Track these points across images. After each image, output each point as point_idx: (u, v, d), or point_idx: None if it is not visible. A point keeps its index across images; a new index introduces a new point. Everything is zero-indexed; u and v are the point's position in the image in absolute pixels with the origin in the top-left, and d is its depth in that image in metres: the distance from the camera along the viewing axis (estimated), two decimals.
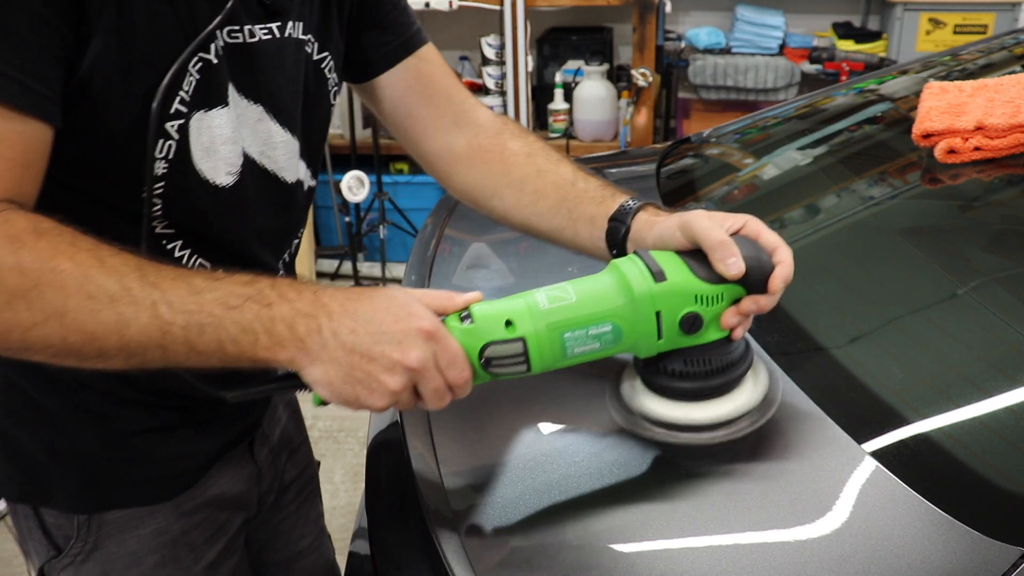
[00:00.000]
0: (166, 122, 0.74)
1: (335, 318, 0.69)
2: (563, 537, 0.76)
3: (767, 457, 0.81)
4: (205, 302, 0.67)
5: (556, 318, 0.74)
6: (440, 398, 0.72)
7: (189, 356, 0.67)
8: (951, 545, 0.69)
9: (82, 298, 0.64)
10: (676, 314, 0.75)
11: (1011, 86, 1.25)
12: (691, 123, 3.68)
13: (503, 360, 0.73)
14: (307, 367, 0.69)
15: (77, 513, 0.89)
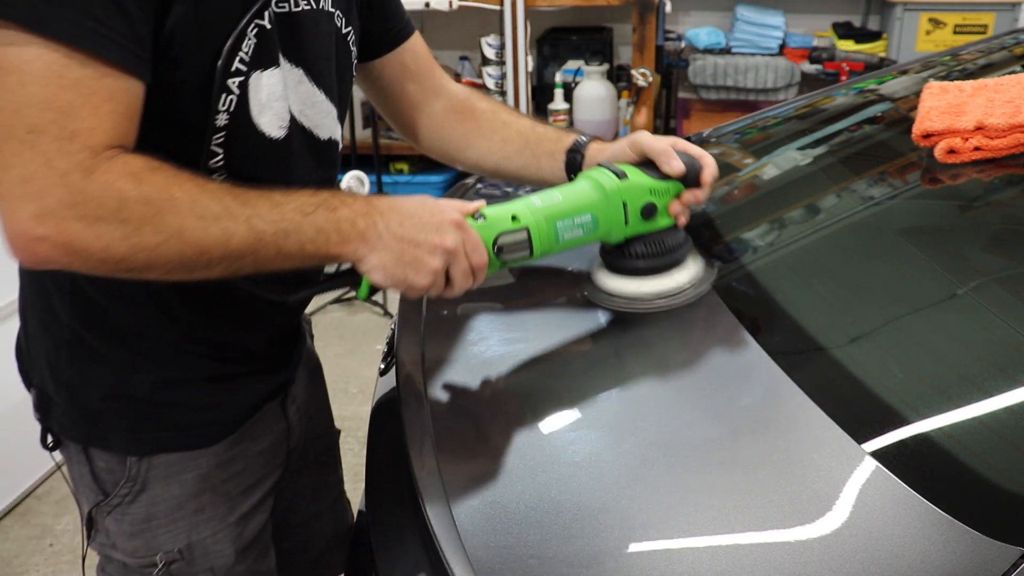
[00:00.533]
0: (228, 79, 0.85)
1: (386, 215, 0.86)
2: (563, 537, 0.76)
3: (767, 457, 0.81)
4: (286, 212, 0.81)
5: (550, 211, 0.95)
6: (466, 279, 0.90)
7: (276, 258, 0.82)
8: (951, 545, 0.69)
9: (194, 219, 0.77)
10: (638, 204, 0.99)
11: (1011, 86, 1.25)
12: (691, 123, 3.69)
13: (512, 247, 0.93)
14: (367, 256, 0.86)
15: (129, 455, 0.99)
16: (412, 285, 0.87)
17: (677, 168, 1.00)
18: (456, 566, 0.74)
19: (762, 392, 0.90)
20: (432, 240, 0.86)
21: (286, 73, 0.91)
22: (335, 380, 3.03)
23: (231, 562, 1.08)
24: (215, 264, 0.80)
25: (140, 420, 0.98)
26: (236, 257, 0.80)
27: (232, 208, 0.79)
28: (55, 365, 0.98)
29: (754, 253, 1.20)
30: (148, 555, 1.04)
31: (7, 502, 2.37)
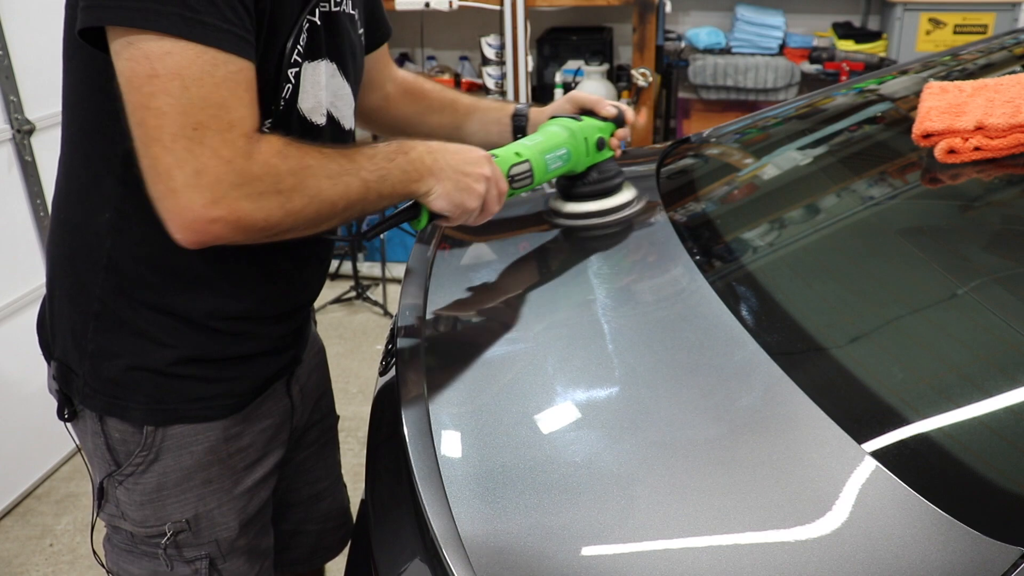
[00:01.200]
0: (289, 68, 0.95)
1: (439, 154, 1.03)
2: (563, 536, 0.76)
3: (767, 457, 0.81)
4: (378, 162, 0.96)
5: (541, 147, 1.21)
6: (494, 203, 1.10)
7: (379, 201, 0.97)
8: (951, 545, 0.69)
9: (326, 179, 0.90)
10: (593, 138, 1.27)
11: (1011, 86, 1.25)
12: (691, 123, 3.69)
13: (520, 177, 1.17)
14: (434, 186, 1.02)
15: (147, 424, 1.05)
16: (466, 207, 1.05)
17: (611, 111, 1.31)
18: (455, 565, 0.74)
19: (762, 392, 0.90)
20: (478, 170, 1.05)
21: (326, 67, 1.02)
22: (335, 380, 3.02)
23: (234, 535, 1.13)
24: (338, 214, 0.93)
25: (159, 391, 1.04)
26: (353, 205, 0.93)
27: (345, 166, 0.92)
28: (80, 338, 1.04)
29: (754, 253, 1.20)
30: (157, 524, 1.10)
31: (7, 502, 2.37)
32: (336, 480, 1.42)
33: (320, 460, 1.36)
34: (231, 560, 1.14)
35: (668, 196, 1.37)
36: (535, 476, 0.83)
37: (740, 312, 1.02)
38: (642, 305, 1.10)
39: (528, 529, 0.77)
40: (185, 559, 1.12)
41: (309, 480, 1.35)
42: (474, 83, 3.65)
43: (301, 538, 1.39)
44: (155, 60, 0.79)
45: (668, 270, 1.16)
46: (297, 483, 1.33)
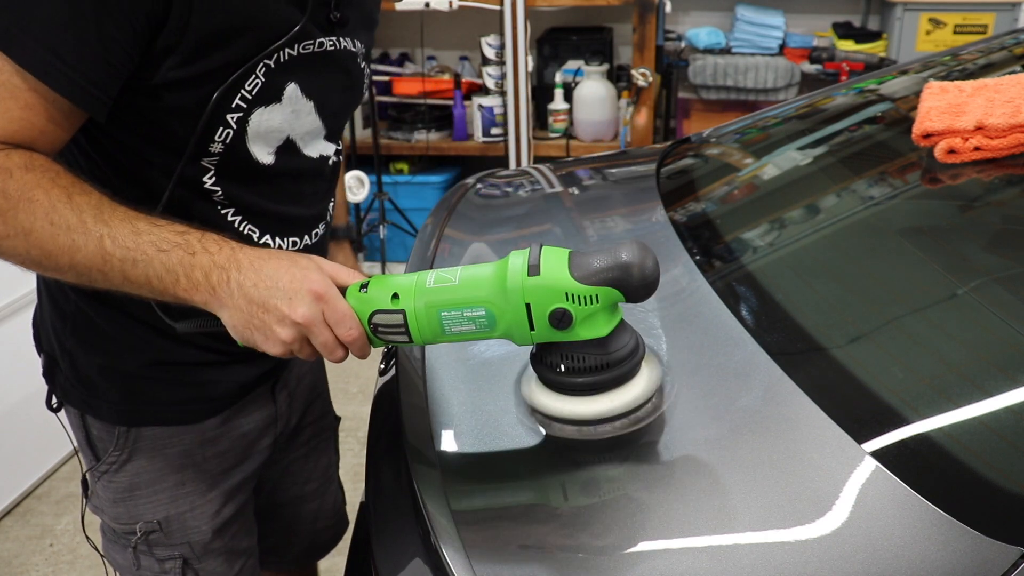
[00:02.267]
0: (227, 114, 0.89)
1: (243, 272, 0.81)
2: (562, 536, 0.76)
3: (767, 457, 0.81)
4: (142, 242, 0.81)
5: (435, 297, 0.81)
6: (331, 351, 0.84)
7: (124, 283, 0.83)
8: (951, 545, 0.69)
9: (46, 223, 0.79)
10: (546, 308, 0.78)
11: (1011, 86, 1.25)
12: (691, 123, 3.69)
13: (387, 328, 0.82)
14: (218, 310, 0.82)
15: (118, 424, 1.05)
16: (263, 350, 0.83)
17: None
18: (456, 565, 0.74)
19: (762, 392, 0.90)
20: (282, 308, 0.80)
21: (298, 107, 0.95)
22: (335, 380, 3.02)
23: (207, 538, 1.13)
24: (63, 270, 0.82)
25: (131, 393, 1.04)
26: (83, 270, 0.82)
27: (87, 223, 0.80)
28: (60, 335, 1.05)
29: (754, 253, 1.20)
30: (129, 523, 1.11)
31: (7, 502, 2.37)
32: (328, 481, 1.41)
33: (311, 462, 1.35)
34: (207, 561, 1.15)
35: (668, 196, 1.37)
36: (535, 476, 0.83)
37: (740, 312, 1.02)
38: (641, 305, 1.10)
39: (528, 529, 0.77)
40: (157, 557, 1.13)
41: (298, 481, 1.34)
42: (474, 83, 3.65)
43: (291, 537, 1.39)
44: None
45: (668, 270, 1.16)
46: (285, 483, 1.32)
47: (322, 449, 1.37)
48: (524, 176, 1.60)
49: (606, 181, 1.58)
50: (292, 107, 0.95)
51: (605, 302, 0.79)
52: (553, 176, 1.53)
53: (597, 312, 0.79)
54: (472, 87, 3.65)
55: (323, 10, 0.93)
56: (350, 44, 0.99)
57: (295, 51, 0.91)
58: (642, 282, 0.79)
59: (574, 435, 0.85)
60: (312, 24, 0.91)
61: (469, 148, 3.63)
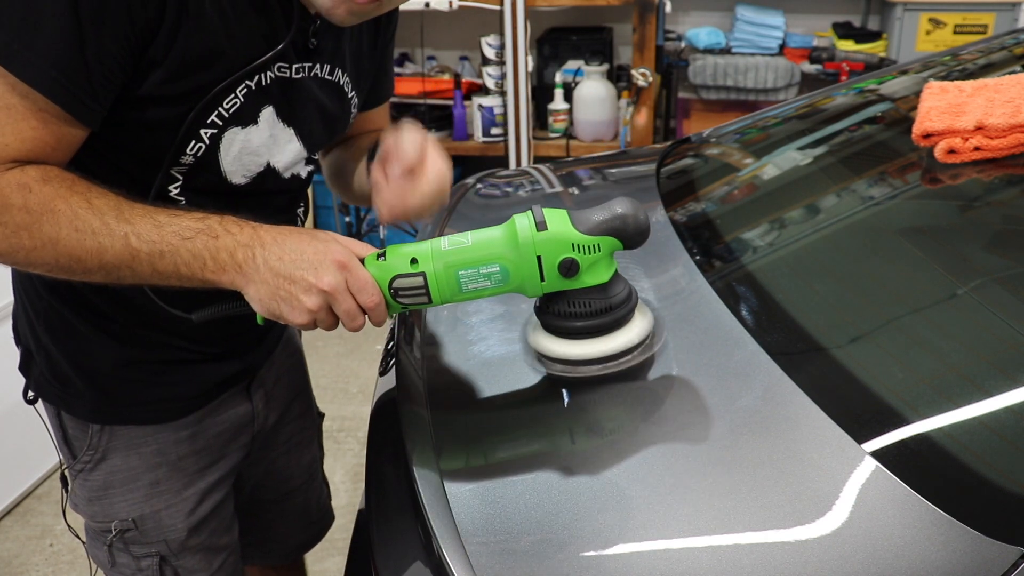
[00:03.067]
0: (201, 129, 0.90)
1: (267, 247, 0.84)
2: (563, 537, 0.76)
3: (767, 457, 0.81)
4: (165, 234, 0.83)
5: (453, 258, 0.87)
6: (352, 319, 0.86)
7: (153, 276, 0.85)
8: (951, 545, 0.69)
9: (71, 231, 0.82)
10: (555, 259, 0.87)
11: (1011, 86, 1.25)
12: (691, 123, 3.68)
13: (408, 291, 0.87)
14: (244, 287, 0.85)
15: (92, 422, 1.06)
16: (288, 320, 0.86)
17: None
18: (456, 566, 0.74)
19: (762, 392, 0.90)
20: (308, 278, 0.83)
21: (276, 132, 0.97)
22: (335, 380, 3.03)
23: (183, 536, 1.14)
24: (92, 272, 0.84)
25: (104, 392, 1.05)
26: (112, 269, 0.84)
27: (111, 224, 0.82)
28: (35, 331, 1.06)
29: (754, 253, 1.20)
30: (104, 521, 1.11)
31: (7, 502, 2.37)
32: (312, 478, 1.41)
33: (293, 459, 1.35)
34: (184, 558, 1.15)
35: (668, 196, 1.37)
36: (535, 476, 0.83)
37: (740, 312, 1.02)
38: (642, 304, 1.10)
39: (529, 529, 0.77)
40: (133, 555, 1.14)
41: (281, 479, 1.35)
42: (474, 83, 3.65)
43: (274, 533, 1.40)
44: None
45: (668, 270, 1.16)
46: (267, 482, 1.33)
47: (305, 446, 1.38)
48: (524, 176, 1.60)
49: (606, 181, 1.58)
50: (270, 131, 0.96)
51: (606, 250, 0.89)
52: (553, 176, 1.53)
53: (599, 260, 0.88)
54: (472, 87, 3.65)
55: (302, 37, 0.95)
56: (327, 73, 1.00)
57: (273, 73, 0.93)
58: (637, 229, 0.89)
59: (583, 374, 0.93)
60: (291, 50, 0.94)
61: (469, 148, 3.62)
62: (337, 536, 2.16)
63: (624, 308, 0.92)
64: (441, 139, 3.69)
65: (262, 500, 1.35)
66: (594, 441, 0.88)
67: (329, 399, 2.82)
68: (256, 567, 1.46)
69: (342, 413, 2.75)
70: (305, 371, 1.37)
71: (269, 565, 1.47)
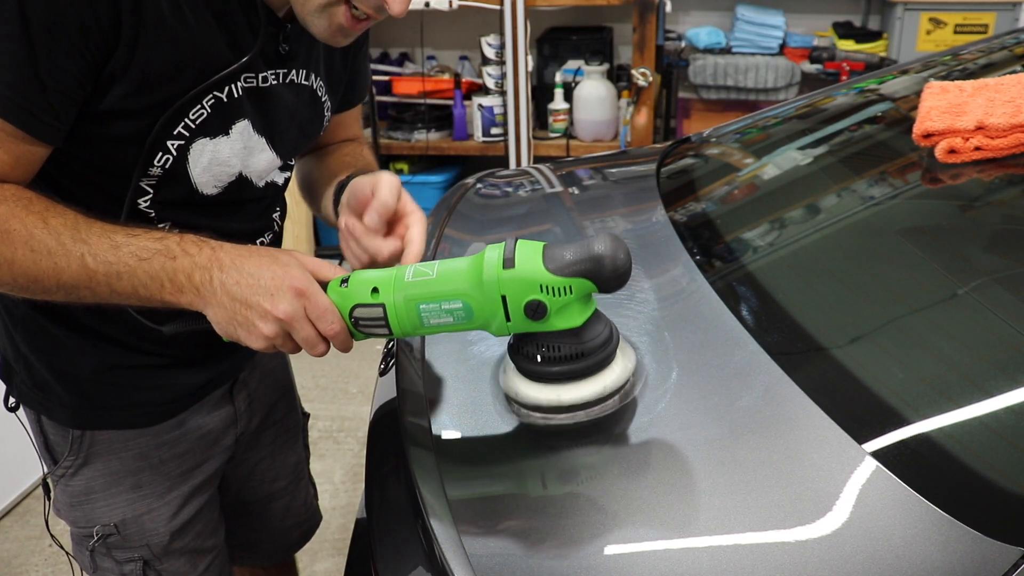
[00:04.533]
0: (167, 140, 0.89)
1: (225, 271, 0.83)
2: (563, 537, 0.76)
3: (767, 457, 0.81)
4: (122, 255, 0.83)
5: (413, 291, 0.83)
6: (313, 346, 0.85)
7: (112, 295, 0.85)
8: (951, 545, 0.69)
9: (26, 251, 0.82)
10: (521, 300, 0.81)
11: (1012, 86, 1.25)
12: (691, 123, 3.69)
13: (368, 321, 0.84)
14: (202, 309, 0.85)
15: (72, 428, 1.06)
16: (248, 344, 0.85)
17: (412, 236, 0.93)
18: (456, 567, 0.74)
19: (762, 392, 0.90)
20: (263, 305, 0.82)
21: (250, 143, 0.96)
22: (335, 380, 3.03)
23: (166, 540, 1.14)
24: (51, 292, 0.84)
25: (84, 397, 1.05)
26: (70, 289, 0.84)
27: (67, 245, 0.82)
28: (13, 338, 1.06)
29: (754, 253, 1.20)
30: (87, 526, 1.11)
31: (7, 502, 2.38)
32: (296, 478, 1.41)
33: (276, 461, 1.35)
34: (168, 561, 1.15)
35: (668, 196, 1.37)
36: (535, 476, 0.83)
37: (740, 312, 1.02)
38: (642, 305, 1.10)
39: (528, 529, 0.77)
40: (116, 560, 1.13)
41: (265, 480, 1.35)
42: (474, 83, 3.65)
43: (262, 534, 1.40)
44: None
45: (668, 270, 1.16)
46: (252, 483, 1.33)
47: (289, 447, 1.38)
48: (524, 176, 1.60)
49: (606, 181, 1.58)
50: (243, 143, 0.95)
51: (578, 293, 0.82)
52: (553, 176, 1.53)
53: (571, 303, 0.82)
54: (472, 87, 3.65)
55: (272, 43, 0.95)
56: (302, 79, 1.00)
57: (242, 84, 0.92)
58: (614, 273, 0.81)
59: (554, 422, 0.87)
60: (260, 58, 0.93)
61: (469, 148, 3.62)
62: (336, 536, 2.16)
63: (600, 353, 0.85)
64: (441, 139, 3.69)
65: (248, 501, 1.35)
66: (595, 441, 0.88)
67: (329, 399, 2.82)
68: (246, 568, 1.46)
69: (342, 413, 2.75)
70: (289, 372, 1.37)
71: (259, 566, 1.47)
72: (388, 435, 1.01)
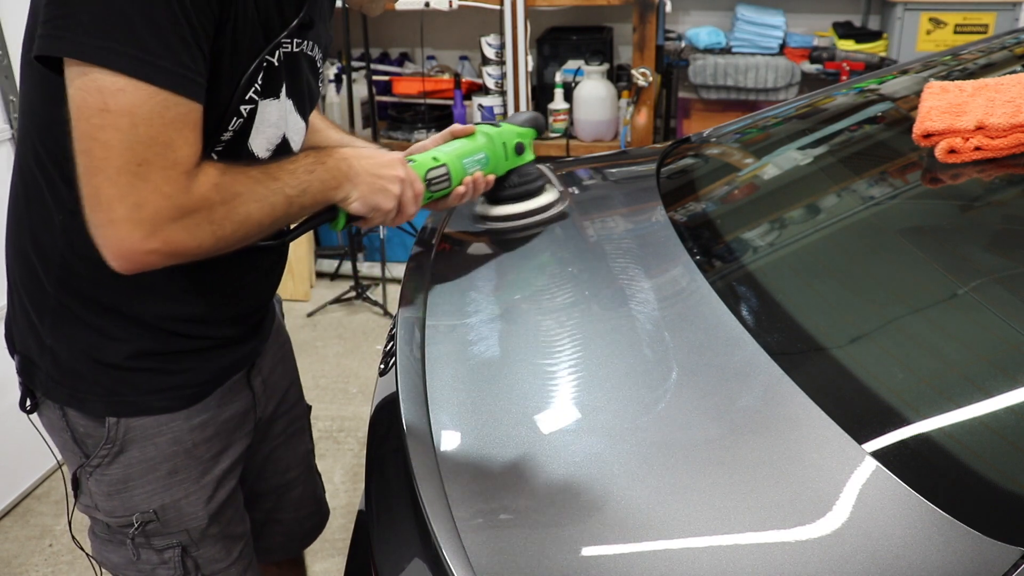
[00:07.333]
0: (242, 104, 0.97)
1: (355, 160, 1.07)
2: (563, 537, 0.76)
3: (767, 457, 0.81)
4: (299, 174, 0.99)
5: (459, 152, 1.28)
6: (412, 204, 1.15)
7: (300, 212, 1.01)
8: (951, 545, 0.69)
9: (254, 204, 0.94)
10: (511, 143, 1.35)
11: (1012, 86, 1.25)
12: (691, 123, 3.68)
13: (437, 180, 1.23)
14: (351, 190, 1.06)
15: (108, 416, 1.08)
16: (382, 209, 1.09)
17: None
18: (456, 566, 0.74)
19: (762, 392, 0.90)
20: (392, 172, 1.10)
21: (286, 104, 1.05)
22: (335, 380, 3.03)
23: (204, 524, 1.16)
24: (266, 229, 0.97)
25: (117, 384, 1.07)
26: (278, 220, 0.98)
27: (271, 186, 0.96)
28: (38, 332, 1.07)
29: (754, 253, 1.20)
30: (125, 515, 1.12)
31: (7, 502, 2.37)
32: (307, 469, 1.44)
33: (288, 450, 1.38)
34: (205, 547, 1.17)
35: (668, 196, 1.37)
36: (536, 476, 0.83)
37: (740, 312, 1.02)
38: (642, 305, 1.10)
39: (528, 529, 0.77)
40: (155, 548, 1.15)
41: (279, 470, 1.37)
42: (474, 83, 3.65)
43: (274, 527, 1.42)
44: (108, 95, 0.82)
45: (668, 270, 1.16)
46: (266, 472, 1.36)
47: (299, 435, 1.41)
48: None
49: (606, 181, 1.58)
50: (284, 106, 1.04)
51: (532, 137, 1.39)
52: (553, 176, 1.53)
53: (529, 144, 1.38)
54: (472, 87, 3.65)
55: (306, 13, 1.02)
56: (310, 49, 1.08)
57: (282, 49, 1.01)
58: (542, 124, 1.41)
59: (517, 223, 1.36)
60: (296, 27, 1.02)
61: None
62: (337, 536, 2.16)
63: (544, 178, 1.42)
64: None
65: (262, 491, 1.37)
66: (596, 442, 0.88)
67: (329, 399, 2.82)
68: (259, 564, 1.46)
69: (342, 413, 2.75)
70: (294, 360, 1.41)
71: (271, 562, 1.48)
72: (388, 435, 1.01)
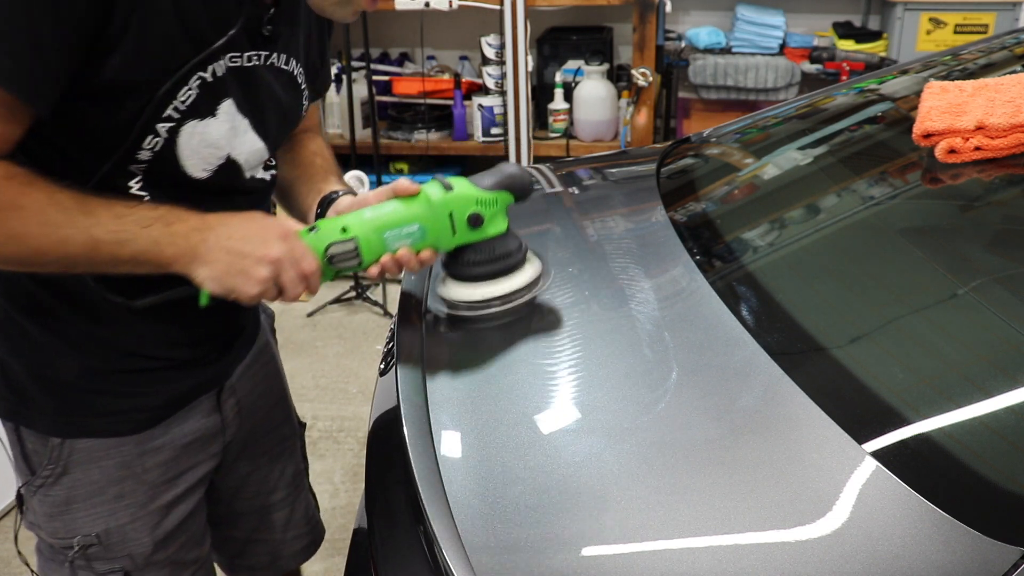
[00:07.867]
0: (157, 123, 0.91)
1: (216, 230, 0.92)
2: (563, 538, 0.76)
3: (767, 457, 0.81)
4: (125, 223, 0.88)
5: (378, 222, 1.00)
6: (296, 286, 0.95)
7: (110, 263, 0.89)
8: (951, 545, 0.69)
9: (37, 226, 0.85)
10: (464, 214, 1.02)
11: (1012, 86, 1.25)
12: (691, 123, 3.69)
13: (342, 256, 0.98)
14: (199, 268, 0.91)
15: (52, 436, 1.04)
16: (243, 293, 0.93)
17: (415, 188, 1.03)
18: (456, 567, 0.74)
19: (762, 392, 0.90)
20: (258, 251, 0.91)
21: (235, 123, 0.98)
22: (335, 380, 3.03)
23: (148, 550, 1.11)
24: (50, 264, 0.89)
25: (64, 403, 1.03)
26: (70, 260, 0.89)
27: (75, 217, 0.87)
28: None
29: (754, 253, 1.20)
30: (67, 537, 1.09)
31: (7, 502, 2.37)
32: (295, 489, 1.37)
33: (272, 471, 1.31)
34: (149, 573, 1.12)
35: (668, 196, 1.37)
36: (535, 477, 0.83)
37: (740, 312, 1.02)
38: (642, 305, 1.10)
39: (529, 530, 0.77)
40: (96, 572, 1.10)
41: (261, 491, 1.31)
42: (474, 83, 3.65)
43: (258, 546, 1.35)
44: None
45: (668, 270, 1.16)
46: (245, 493, 1.29)
47: (287, 457, 1.34)
48: None
49: (606, 181, 1.58)
50: (229, 123, 0.97)
51: (503, 204, 1.05)
52: (553, 176, 1.53)
53: (498, 213, 1.04)
54: (472, 87, 3.65)
55: (256, 24, 0.96)
56: (283, 63, 1.02)
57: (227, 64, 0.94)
58: (524, 185, 1.06)
59: (486, 310, 1.07)
60: (245, 38, 0.95)
61: (469, 148, 3.62)
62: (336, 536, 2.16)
63: (520, 254, 1.08)
64: (441, 139, 3.69)
65: (242, 511, 1.31)
66: (596, 442, 0.88)
67: (329, 399, 2.82)
68: None
69: (342, 413, 2.75)
70: (283, 380, 1.34)
71: None
72: (388, 435, 1.01)
